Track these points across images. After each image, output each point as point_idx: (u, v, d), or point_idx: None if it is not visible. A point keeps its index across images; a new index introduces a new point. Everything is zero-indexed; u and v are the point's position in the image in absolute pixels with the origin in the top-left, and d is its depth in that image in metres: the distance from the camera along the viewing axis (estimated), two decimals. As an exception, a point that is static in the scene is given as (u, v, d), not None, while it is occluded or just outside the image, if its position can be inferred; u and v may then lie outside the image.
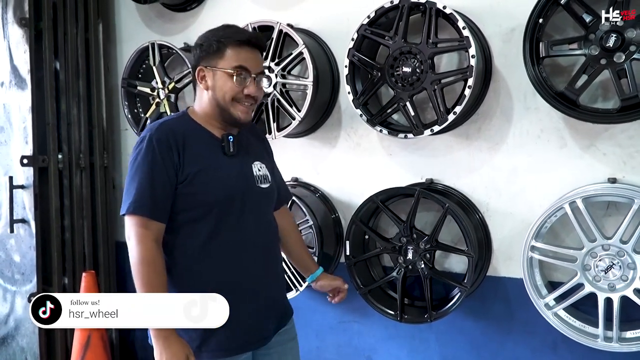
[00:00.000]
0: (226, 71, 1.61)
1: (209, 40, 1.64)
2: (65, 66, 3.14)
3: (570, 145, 2.12)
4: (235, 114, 1.64)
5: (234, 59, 1.62)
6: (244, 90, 1.63)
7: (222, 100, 1.64)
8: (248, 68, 1.63)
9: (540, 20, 1.96)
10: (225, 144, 1.66)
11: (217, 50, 1.62)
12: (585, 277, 1.99)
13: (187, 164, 1.58)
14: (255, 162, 1.74)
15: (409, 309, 2.32)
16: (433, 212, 2.40)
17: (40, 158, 3.04)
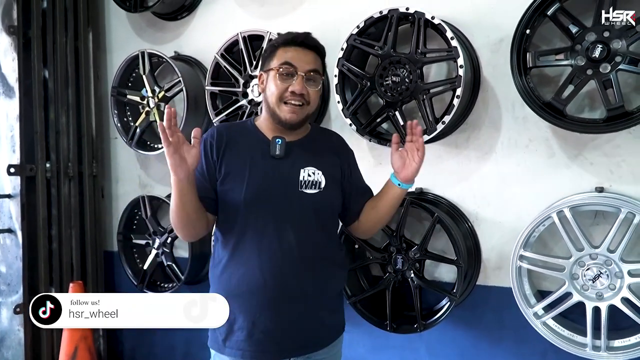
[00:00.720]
0: (273, 69, 1.65)
1: (267, 46, 1.75)
2: (55, 74, 3.12)
3: (558, 154, 2.13)
4: (281, 114, 1.66)
5: (281, 57, 1.65)
6: (289, 87, 1.64)
7: (270, 101, 1.67)
8: (294, 64, 1.64)
9: (527, 31, 1.98)
10: (272, 145, 1.69)
11: (270, 54, 1.69)
12: (574, 286, 2.00)
13: (225, 163, 1.67)
14: (308, 167, 1.71)
15: (399, 319, 2.31)
16: (423, 222, 2.40)
17: (28, 167, 3.01)
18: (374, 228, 1.91)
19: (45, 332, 3.08)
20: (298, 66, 1.64)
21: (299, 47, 1.66)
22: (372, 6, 2.32)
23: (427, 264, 2.38)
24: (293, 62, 1.64)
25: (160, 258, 2.98)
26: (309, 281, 1.70)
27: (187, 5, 2.98)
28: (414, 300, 2.21)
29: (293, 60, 1.64)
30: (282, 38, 1.69)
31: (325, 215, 1.77)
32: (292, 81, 1.64)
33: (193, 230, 1.66)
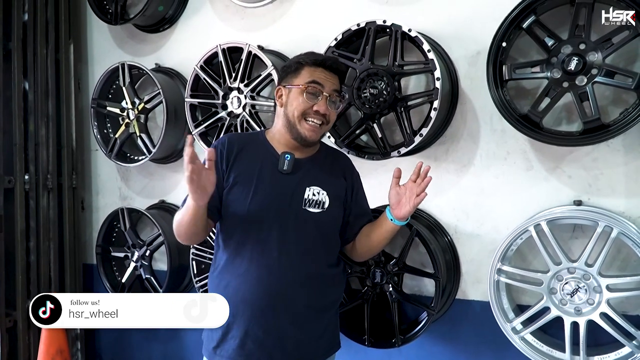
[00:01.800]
0: (299, 86, 1.70)
1: (291, 62, 1.77)
2: (35, 86, 3.09)
3: (536, 167, 2.12)
4: (302, 131, 1.70)
5: (308, 76, 1.70)
6: (314, 106, 1.68)
7: (291, 116, 1.70)
8: (321, 84, 1.70)
9: (503, 44, 1.97)
10: (281, 159, 1.71)
11: (295, 70, 1.73)
12: (552, 300, 1.97)
13: (233, 173, 1.69)
14: (313, 187, 1.73)
15: (377, 333, 2.28)
16: (402, 235, 2.37)
17: (7, 179, 2.97)
18: (367, 254, 1.94)
19: (22, 345, 3.03)
20: (325, 86, 1.70)
21: (328, 70, 1.73)
22: (350, 19, 2.32)
23: (407, 278, 2.35)
24: (321, 81, 1.70)
25: (139, 271, 2.93)
26: (305, 296, 1.71)
27: (168, 17, 2.97)
28: (392, 314, 2.19)
29: (321, 80, 1.70)
30: (311, 58, 1.73)
31: (326, 234, 1.79)
32: (316, 100, 1.69)
33: (195, 238, 1.71)
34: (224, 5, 2.81)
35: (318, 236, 1.75)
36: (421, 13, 2.31)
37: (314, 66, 1.72)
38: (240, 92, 2.50)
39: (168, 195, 3.06)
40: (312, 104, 1.69)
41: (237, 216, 1.68)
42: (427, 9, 2.31)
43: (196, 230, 1.64)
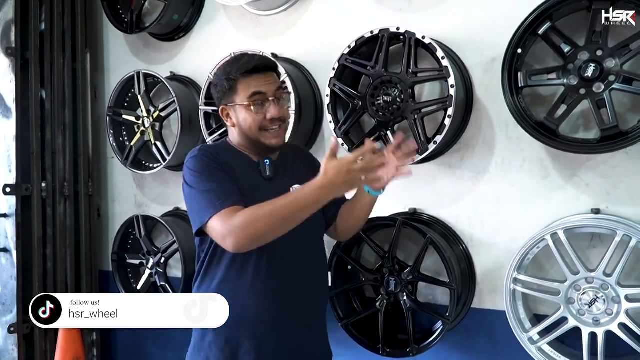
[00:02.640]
0: (243, 104, 1.64)
1: (221, 79, 1.68)
2: (52, 95, 3.14)
3: (553, 175, 2.09)
4: (266, 142, 1.67)
5: (247, 90, 1.64)
6: (266, 115, 1.64)
7: (250, 133, 1.67)
8: (263, 92, 1.64)
9: (518, 51, 1.95)
10: (262, 167, 1.70)
11: (230, 88, 1.66)
12: (569, 310, 1.94)
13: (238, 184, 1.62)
14: (294, 186, 1.71)
15: (391, 342, 2.26)
16: (416, 243, 2.36)
17: (24, 187, 3.02)
18: (351, 232, 1.95)
19: (39, 352, 3.06)
20: (267, 92, 1.64)
21: (261, 73, 1.66)
22: (364, 26, 2.32)
23: (422, 286, 2.33)
24: (261, 90, 1.64)
25: (154, 278, 2.95)
26: (314, 298, 1.74)
27: (183, 26, 2.99)
28: (407, 323, 2.17)
29: (260, 88, 1.64)
30: (239, 69, 1.64)
31: (319, 230, 1.80)
32: (266, 109, 1.64)
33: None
34: (238, 13, 2.83)
35: (315, 234, 1.77)
36: (435, 20, 2.30)
37: (246, 77, 1.64)
38: (254, 100, 2.50)
39: (182, 202, 3.07)
40: (263, 114, 1.64)
41: None
42: (441, 15, 2.29)
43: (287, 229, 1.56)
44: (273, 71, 1.71)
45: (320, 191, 1.45)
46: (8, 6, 3.03)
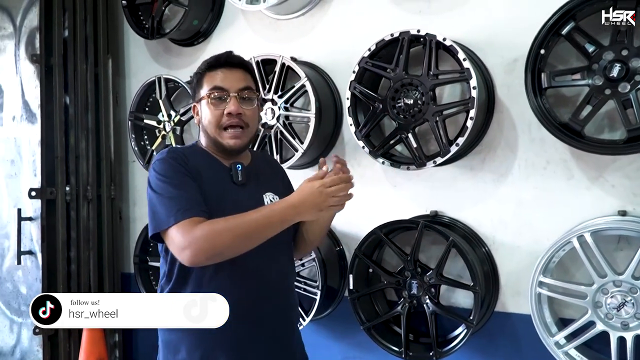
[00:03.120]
0: (203, 98, 1.58)
1: (193, 76, 1.66)
2: (75, 100, 3.19)
3: (578, 176, 2.06)
4: (224, 142, 1.57)
5: (209, 82, 1.58)
6: (224, 111, 1.55)
7: (209, 131, 1.58)
8: (223, 87, 1.56)
9: (541, 51, 1.93)
10: (234, 172, 1.60)
11: (197, 82, 1.62)
12: (597, 314, 1.91)
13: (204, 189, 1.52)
14: (267, 193, 1.65)
15: (414, 346, 2.25)
16: (438, 245, 2.34)
17: (48, 190, 3.07)
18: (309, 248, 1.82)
19: (63, 353, 3.11)
20: (229, 87, 1.56)
21: (225, 68, 1.59)
22: (383, 29, 2.31)
23: (444, 289, 2.31)
24: (222, 84, 1.56)
25: (176, 281, 2.97)
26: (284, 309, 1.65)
27: (203, 31, 3.01)
28: (430, 326, 2.15)
29: (222, 82, 1.56)
30: (205, 63, 1.61)
31: (288, 241, 1.70)
32: (225, 104, 1.56)
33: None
34: (257, 18, 2.84)
35: (284, 246, 1.66)
36: (454, 21, 2.29)
37: (211, 71, 1.59)
38: (274, 103, 2.52)
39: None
40: (221, 110, 1.55)
41: None
42: (460, 17, 2.28)
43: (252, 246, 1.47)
44: (244, 69, 1.63)
45: (290, 209, 1.41)
46: (33, 14, 3.10)
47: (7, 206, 3.22)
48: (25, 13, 3.16)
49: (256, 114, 1.65)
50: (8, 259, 3.24)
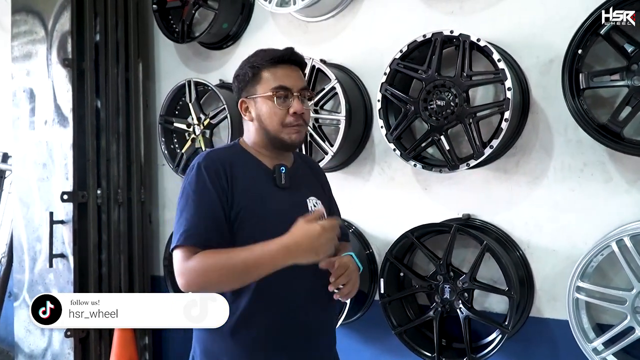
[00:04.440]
0: (265, 95, 1.52)
1: (244, 69, 1.57)
2: (106, 104, 3.23)
3: (616, 179, 2.02)
4: (285, 137, 1.53)
5: (271, 80, 1.52)
6: (289, 110, 1.51)
7: (270, 128, 1.53)
8: (288, 86, 1.51)
9: (579, 51, 1.90)
10: (277, 174, 1.54)
11: (253, 77, 1.54)
12: (636, 320, 1.86)
13: (237, 195, 1.47)
14: (311, 197, 1.61)
15: (446, 351, 2.22)
16: (471, 249, 2.31)
17: (80, 194, 3.10)
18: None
19: (94, 355, 3.14)
20: (292, 87, 1.52)
21: (287, 65, 1.54)
22: (414, 30, 2.30)
23: (476, 294, 2.28)
24: (287, 84, 1.51)
25: (205, 284, 2.98)
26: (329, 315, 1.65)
27: (232, 34, 3.03)
28: (463, 332, 2.12)
29: (286, 81, 1.52)
30: (263, 58, 1.54)
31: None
32: (289, 103, 1.51)
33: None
34: (286, 20, 2.85)
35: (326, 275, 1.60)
36: (487, 22, 2.26)
37: (272, 67, 1.52)
38: (303, 106, 2.51)
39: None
40: (286, 109, 1.51)
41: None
42: (493, 18, 2.25)
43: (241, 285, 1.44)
44: (300, 67, 1.60)
45: (282, 252, 1.33)
46: (64, 18, 3.14)
47: (39, 209, 3.26)
48: (57, 17, 3.20)
49: (310, 113, 1.64)
50: (40, 261, 3.28)
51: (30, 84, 3.34)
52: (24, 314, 3.38)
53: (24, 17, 3.38)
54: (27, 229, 3.35)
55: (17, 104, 3.40)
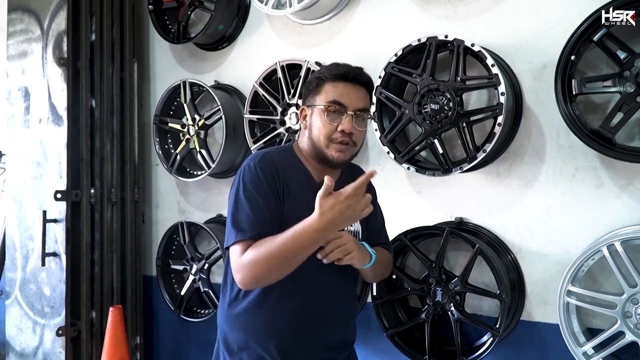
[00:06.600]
0: (321, 107, 1.55)
1: (312, 78, 1.62)
2: (101, 104, 3.23)
3: (607, 184, 2.03)
4: (328, 153, 1.56)
5: (330, 94, 1.55)
6: (338, 127, 1.54)
7: (316, 140, 1.57)
8: (343, 103, 1.53)
9: (572, 57, 1.92)
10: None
11: (316, 87, 1.59)
12: (626, 324, 1.88)
13: (286, 198, 1.52)
14: None
15: (437, 353, 2.23)
16: (463, 252, 2.33)
17: (74, 193, 3.10)
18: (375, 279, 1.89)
19: (85, 354, 3.13)
20: (348, 104, 1.54)
21: (349, 83, 1.56)
22: (409, 34, 2.32)
23: (468, 297, 2.29)
24: (343, 100, 1.54)
25: (198, 284, 2.99)
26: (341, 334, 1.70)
27: (228, 36, 3.04)
28: (455, 334, 2.13)
29: (342, 98, 1.54)
30: (331, 72, 1.57)
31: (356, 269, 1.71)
32: (341, 119, 1.54)
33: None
34: (282, 23, 2.86)
35: (352, 272, 1.68)
36: (482, 27, 2.28)
37: (335, 81, 1.55)
38: (298, 108, 2.52)
39: (225, 209, 3.10)
40: (336, 124, 1.53)
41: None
42: (488, 23, 2.27)
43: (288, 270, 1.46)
44: (366, 89, 1.60)
45: (319, 233, 1.38)
46: (60, 18, 3.14)
47: (33, 208, 3.25)
48: (53, 17, 3.20)
49: (364, 134, 1.62)
50: (32, 260, 3.27)
51: (25, 82, 3.33)
52: (15, 312, 3.37)
53: (20, 15, 3.38)
54: (19, 227, 3.34)
55: (12, 102, 3.40)
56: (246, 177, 1.52)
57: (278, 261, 1.40)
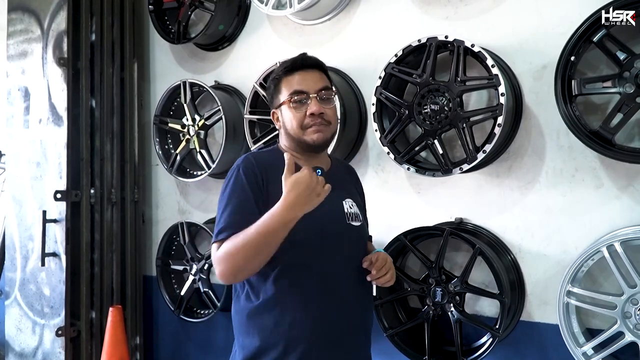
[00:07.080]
0: (285, 102, 1.60)
1: (269, 83, 1.68)
2: (101, 104, 3.23)
3: (607, 185, 2.04)
4: (308, 138, 1.59)
5: (288, 87, 1.60)
6: (307, 112, 1.58)
7: (292, 132, 1.60)
8: (303, 89, 1.58)
9: (572, 58, 1.92)
10: None
11: (275, 88, 1.65)
12: (626, 325, 1.88)
13: (272, 195, 1.50)
14: (347, 199, 1.67)
15: (437, 354, 2.23)
16: (463, 253, 2.33)
17: (73, 193, 3.10)
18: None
19: (85, 355, 3.13)
20: (308, 89, 1.59)
21: (301, 71, 1.61)
22: (409, 35, 2.32)
23: (468, 297, 2.29)
24: (301, 87, 1.59)
25: (197, 284, 2.99)
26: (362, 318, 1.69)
27: (228, 36, 3.04)
28: (454, 335, 2.13)
29: (301, 85, 1.59)
30: (281, 69, 1.64)
31: (365, 249, 1.72)
32: (307, 105, 1.58)
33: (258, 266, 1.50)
34: (282, 23, 2.86)
35: (362, 251, 1.69)
36: (482, 28, 2.28)
37: (288, 75, 1.61)
38: (298, 108, 2.52)
39: (225, 209, 3.11)
40: (303, 112, 1.58)
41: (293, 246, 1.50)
42: (488, 23, 2.27)
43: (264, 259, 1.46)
44: (320, 70, 1.65)
45: (287, 212, 1.39)
46: (60, 17, 3.14)
47: (32, 208, 3.25)
48: (53, 17, 3.20)
49: (336, 111, 1.67)
50: (32, 260, 3.27)
51: (25, 82, 3.33)
52: (15, 312, 3.37)
53: (20, 15, 3.38)
54: (19, 227, 3.34)
55: (12, 102, 3.40)
56: (233, 181, 1.56)
57: (253, 249, 1.41)
